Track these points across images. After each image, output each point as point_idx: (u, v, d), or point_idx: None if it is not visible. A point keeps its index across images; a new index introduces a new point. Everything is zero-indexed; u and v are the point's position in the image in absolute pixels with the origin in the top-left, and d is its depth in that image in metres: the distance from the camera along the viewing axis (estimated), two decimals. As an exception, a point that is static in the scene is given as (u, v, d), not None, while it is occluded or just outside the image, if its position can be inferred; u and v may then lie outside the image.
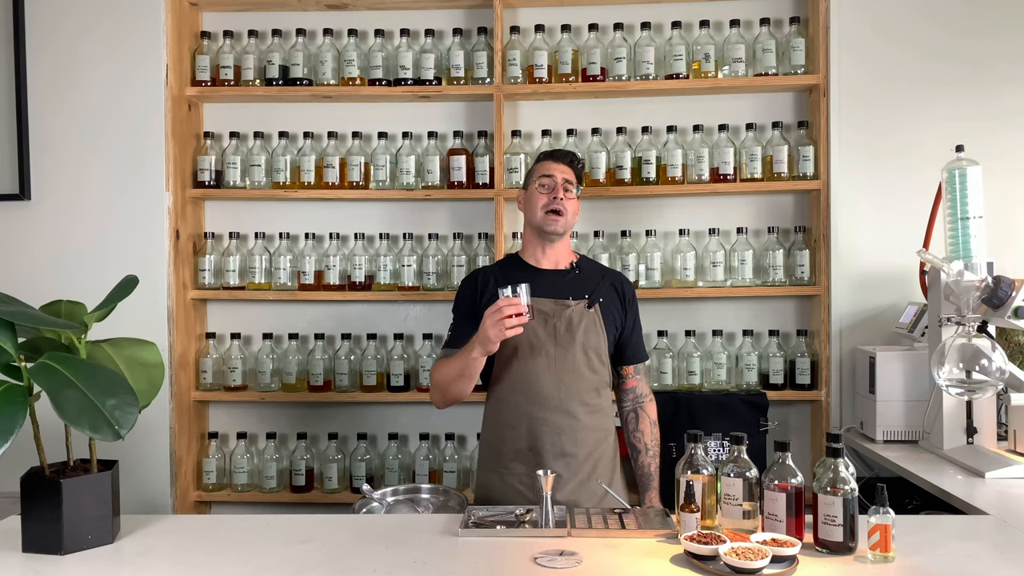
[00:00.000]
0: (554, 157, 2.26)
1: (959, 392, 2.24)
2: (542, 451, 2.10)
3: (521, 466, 2.12)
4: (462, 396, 2.13)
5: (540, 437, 2.11)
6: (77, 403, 1.54)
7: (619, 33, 2.99)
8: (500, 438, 2.17)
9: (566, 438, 2.11)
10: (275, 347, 3.09)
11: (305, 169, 3.01)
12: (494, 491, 2.14)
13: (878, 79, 2.92)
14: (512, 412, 2.15)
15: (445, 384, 2.12)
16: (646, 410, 2.26)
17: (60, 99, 2.95)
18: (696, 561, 1.56)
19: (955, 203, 2.33)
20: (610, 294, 2.23)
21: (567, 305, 2.16)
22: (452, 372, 2.09)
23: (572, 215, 2.21)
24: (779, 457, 1.66)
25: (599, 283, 2.23)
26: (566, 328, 2.14)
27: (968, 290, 2.23)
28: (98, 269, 2.89)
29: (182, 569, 1.60)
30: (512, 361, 2.15)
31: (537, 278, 2.15)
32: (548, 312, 2.15)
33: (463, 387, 2.10)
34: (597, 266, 2.34)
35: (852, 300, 2.92)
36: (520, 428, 2.13)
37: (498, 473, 2.15)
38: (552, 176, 2.20)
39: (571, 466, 2.10)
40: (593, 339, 2.15)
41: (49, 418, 1.60)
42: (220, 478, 3.04)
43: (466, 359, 2.04)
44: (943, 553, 1.62)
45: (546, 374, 2.12)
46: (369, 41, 3.08)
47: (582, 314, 2.16)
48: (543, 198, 2.19)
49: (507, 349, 2.13)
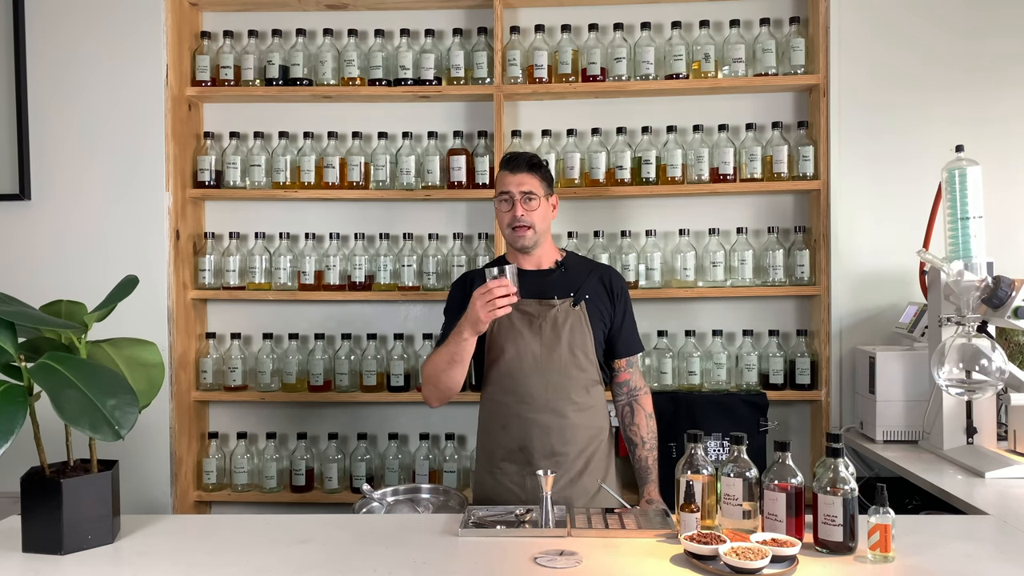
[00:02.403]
0: (510, 167, 2.18)
1: (959, 392, 2.24)
2: (532, 450, 2.11)
3: (512, 466, 2.13)
4: (453, 386, 2.11)
5: (530, 437, 2.12)
6: (77, 403, 1.54)
7: (619, 33, 2.99)
8: (492, 439, 2.18)
9: (555, 437, 2.11)
10: (275, 347, 3.09)
11: (305, 169, 3.01)
12: (488, 491, 2.16)
13: (878, 79, 2.92)
14: (503, 413, 2.16)
15: (436, 374, 2.11)
16: (641, 403, 2.25)
17: (60, 99, 2.95)
18: (696, 561, 1.56)
19: (955, 203, 2.33)
20: (597, 289, 2.22)
21: (552, 305, 2.16)
22: (442, 359, 2.08)
23: (542, 221, 2.18)
24: (779, 457, 1.66)
25: (585, 280, 2.22)
26: (551, 328, 2.14)
27: (968, 290, 2.23)
28: (98, 269, 2.89)
29: (182, 569, 1.60)
30: (500, 362, 2.15)
31: (522, 280, 2.12)
32: (533, 313, 2.15)
33: (454, 375, 2.08)
34: (585, 262, 2.32)
35: (852, 300, 2.92)
36: (511, 428, 2.14)
37: (491, 473, 2.16)
38: (509, 192, 2.16)
39: (562, 464, 2.11)
40: (579, 338, 2.15)
41: (49, 418, 1.60)
42: (220, 478, 3.04)
43: (456, 343, 2.03)
44: (943, 553, 1.62)
45: (534, 374, 2.13)
46: (369, 41, 3.08)
47: (567, 313, 2.16)
48: (505, 216, 2.17)
49: (495, 350, 2.15)
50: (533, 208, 2.16)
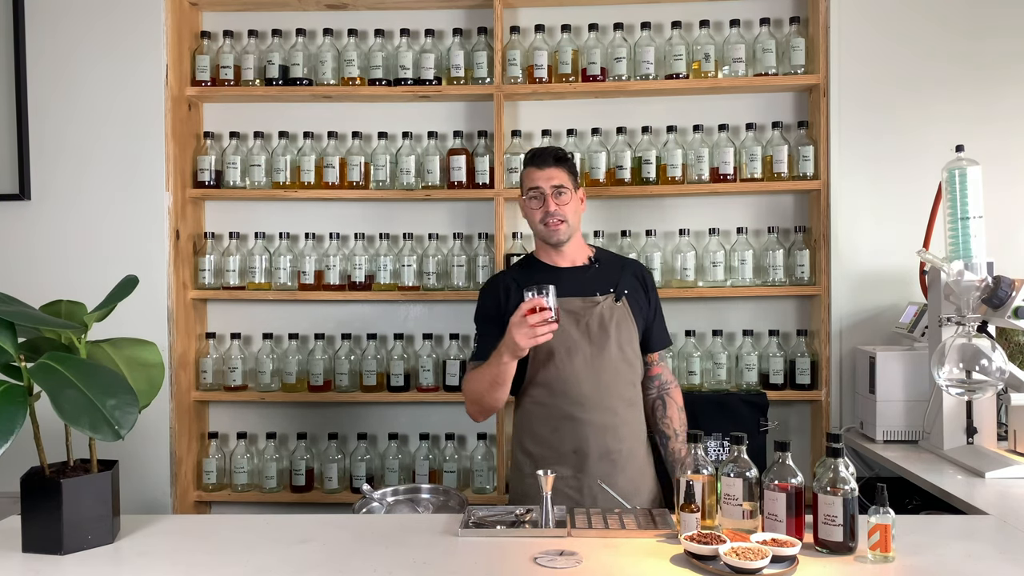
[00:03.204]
0: (537, 162, 2.17)
1: (959, 392, 2.23)
2: (587, 452, 2.09)
3: (566, 469, 2.09)
4: (497, 404, 2.10)
5: (584, 438, 2.09)
6: (77, 403, 1.54)
7: (619, 33, 2.99)
8: (540, 443, 2.14)
9: (609, 436, 2.10)
10: (275, 347, 3.09)
11: (305, 169, 3.01)
12: (536, 497, 2.11)
13: (878, 79, 2.92)
14: (552, 415, 2.12)
15: (479, 396, 2.09)
16: (672, 396, 2.26)
17: (60, 99, 2.95)
18: (696, 561, 1.56)
19: (955, 203, 2.32)
20: (633, 284, 2.22)
21: (596, 302, 2.15)
22: (484, 382, 2.06)
23: (574, 215, 2.17)
24: (779, 457, 1.66)
25: (621, 275, 2.22)
26: (599, 325, 2.12)
27: (968, 290, 2.22)
28: (98, 269, 2.89)
29: (182, 569, 1.60)
30: (549, 364, 2.11)
31: (560, 277, 2.13)
32: (578, 311, 2.13)
33: (497, 395, 2.06)
34: (615, 257, 2.33)
35: (852, 300, 2.92)
36: (562, 431, 2.10)
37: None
38: (539, 187, 2.14)
39: (617, 463, 2.10)
40: (626, 333, 2.14)
41: (49, 418, 1.60)
42: (220, 478, 3.04)
43: (496, 367, 2.00)
44: (943, 553, 1.62)
45: (585, 375, 2.10)
46: (369, 41, 3.08)
47: (612, 309, 2.15)
48: (537, 212, 2.16)
49: (542, 352, 2.10)
50: (564, 202, 2.14)
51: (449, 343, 3.03)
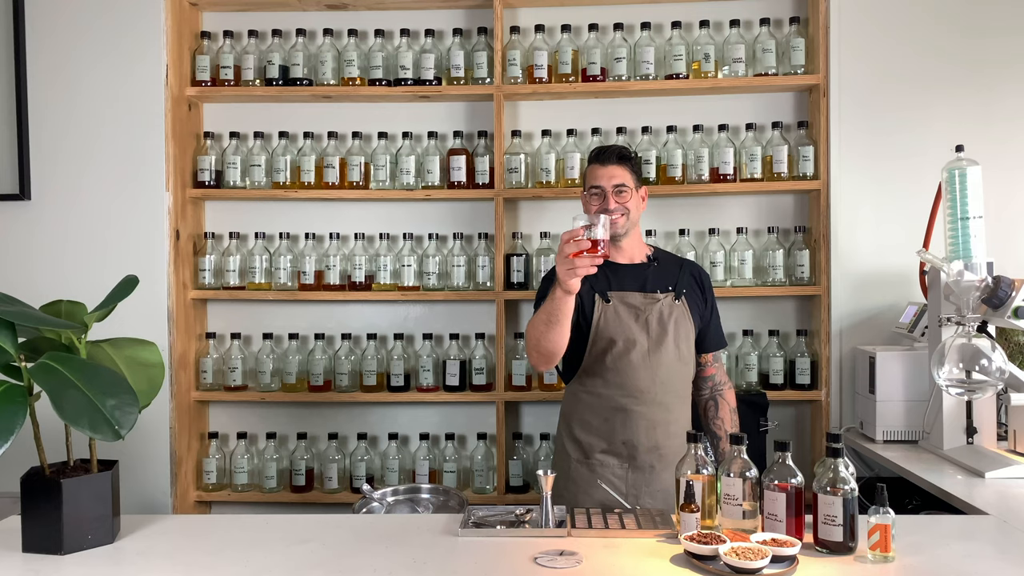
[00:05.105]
0: (600, 160, 2.20)
1: (959, 392, 2.23)
2: (637, 445, 2.11)
3: (613, 459, 2.13)
4: (555, 349, 2.04)
5: (635, 431, 2.11)
6: (77, 403, 1.54)
7: (619, 33, 2.99)
8: (590, 431, 2.16)
9: (660, 432, 2.12)
10: (275, 347, 3.09)
11: (305, 169, 3.01)
12: (582, 484, 2.14)
13: (878, 79, 2.92)
14: (605, 406, 2.14)
15: (536, 337, 2.05)
16: (726, 397, 2.27)
17: (60, 99, 2.95)
18: (696, 561, 1.56)
19: (955, 203, 2.32)
20: (691, 283, 2.24)
21: (656, 299, 2.17)
22: (540, 320, 2.03)
23: (635, 211, 2.20)
24: (779, 457, 1.66)
25: (679, 274, 2.24)
26: (658, 322, 2.15)
27: (968, 290, 2.22)
28: (98, 269, 2.89)
29: (182, 569, 1.60)
30: (606, 355, 2.14)
31: (620, 273, 2.17)
32: (638, 306, 2.16)
33: (553, 336, 2.01)
34: (673, 257, 2.35)
35: (852, 300, 2.92)
36: (614, 422, 2.13)
37: (587, 465, 2.15)
38: (600, 186, 2.17)
39: (664, 458, 2.11)
40: (684, 331, 2.17)
41: (49, 418, 1.60)
42: (220, 478, 3.04)
43: (551, 301, 1.98)
44: (943, 553, 1.62)
45: (642, 369, 2.12)
46: (369, 41, 3.08)
47: (672, 306, 2.17)
48: (596, 209, 2.17)
49: (601, 342, 2.14)
50: (624, 200, 2.17)
51: (449, 343, 3.03)
